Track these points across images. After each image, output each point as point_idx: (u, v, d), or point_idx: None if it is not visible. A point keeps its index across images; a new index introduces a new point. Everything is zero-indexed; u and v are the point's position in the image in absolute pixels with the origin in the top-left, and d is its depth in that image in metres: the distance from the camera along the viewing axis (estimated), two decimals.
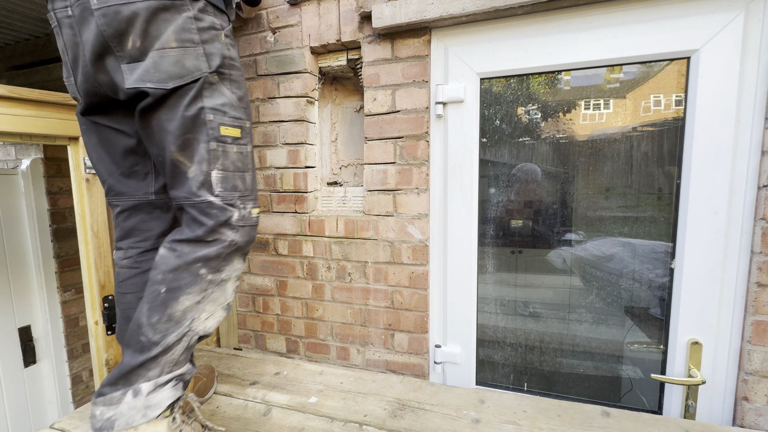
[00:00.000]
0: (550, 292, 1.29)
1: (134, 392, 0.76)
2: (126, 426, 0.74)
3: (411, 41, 1.22)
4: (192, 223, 0.81)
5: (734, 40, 0.96)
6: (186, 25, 0.75)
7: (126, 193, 0.91)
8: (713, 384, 1.06)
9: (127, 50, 0.73)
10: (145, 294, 0.80)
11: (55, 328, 2.05)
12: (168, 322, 0.78)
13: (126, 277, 0.92)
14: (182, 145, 0.78)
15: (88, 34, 0.73)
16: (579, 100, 1.16)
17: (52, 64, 1.90)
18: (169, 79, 0.74)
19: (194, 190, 0.80)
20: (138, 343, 0.78)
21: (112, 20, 0.71)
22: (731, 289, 1.03)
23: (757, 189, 0.98)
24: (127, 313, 0.92)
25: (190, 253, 0.79)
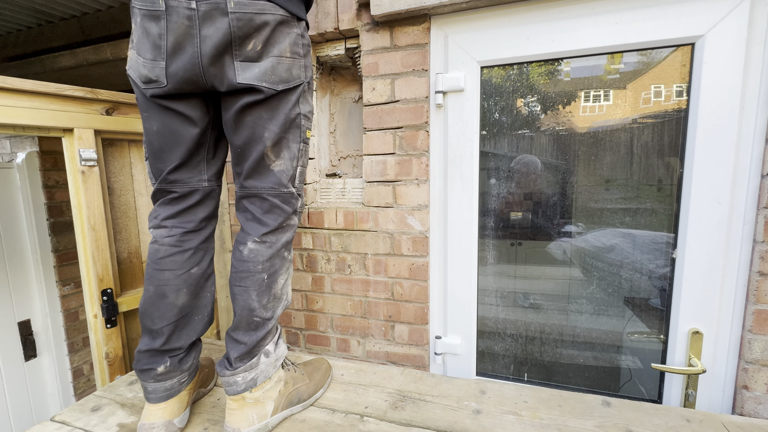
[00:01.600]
0: (550, 283, 1.29)
1: (265, 354, 0.95)
2: (265, 378, 0.94)
3: (410, 29, 1.19)
4: (274, 210, 0.93)
5: (740, 25, 0.94)
6: (296, 41, 0.88)
7: (181, 181, 0.95)
8: (713, 373, 1.06)
9: (245, 51, 0.83)
10: (246, 283, 0.92)
11: (54, 322, 2.05)
12: (274, 300, 0.95)
13: (166, 254, 0.95)
14: (276, 141, 0.90)
15: (213, 31, 0.80)
16: (579, 90, 1.14)
17: (45, 54, 1.87)
18: (280, 83, 0.86)
19: (284, 182, 0.93)
20: (252, 323, 0.93)
21: (245, 25, 0.81)
22: (732, 279, 1.03)
23: (761, 177, 0.97)
24: (163, 290, 0.94)
25: (277, 242, 0.94)
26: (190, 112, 0.89)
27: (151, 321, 0.93)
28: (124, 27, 1.70)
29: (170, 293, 0.94)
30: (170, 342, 0.94)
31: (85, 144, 1.21)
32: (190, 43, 0.81)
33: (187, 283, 0.96)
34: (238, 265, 0.93)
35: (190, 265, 0.96)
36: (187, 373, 0.97)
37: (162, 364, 0.92)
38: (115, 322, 1.30)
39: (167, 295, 0.94)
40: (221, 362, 0.94)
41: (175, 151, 0.92)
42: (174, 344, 0.94)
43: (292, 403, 1.00)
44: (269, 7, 0.82)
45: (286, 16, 0.85)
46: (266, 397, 0.94)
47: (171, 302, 0.94)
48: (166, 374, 0.92)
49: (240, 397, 0.91)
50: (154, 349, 0.92)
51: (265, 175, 0.92)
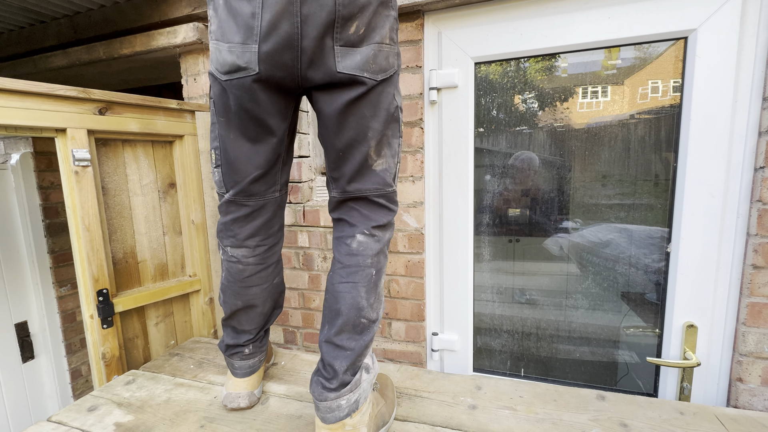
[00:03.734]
0: (547, 279, 1.29)
1: (366, 369, 0.86)
2: (364, 399, 0.83)
3: (404, 25, 1.19)
4: (379, 210, 0.87)
5: (732, 19, 0.94)
6: (393, 25, 0.79)
7: (257, 194, 0.90)
8: (708, 366, 1.07)
9: (347, 34, 0.73)
10: (355, 278, 0.84)
11: (52, 323, 2.05)
12: (378, 299, 0.87)
13: (253, 272, 0.96)
14: (380, 140, 0.81)
15: (316, 8, 0.70)
16: (577, 86, 1.14)
17: (38, 54, 1.85)
18: (380, 72, 0.76)
19: (389, 182, 0.86)
20: (359, 326, 0.83)
21: (351, 2, 0.71)
22: (727, 272, 1.03)
23: (754, 171, 0.98)
24: (253, 302, 0.98)
25: (383, 238, 0.88)
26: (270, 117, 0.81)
27: (238, 323, 1.00)
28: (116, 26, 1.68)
29: (259, 304, 0.99)
30: (255, 336, 1.02)
31: (79, 144, 1.21)
32: (289, 22, 0.71)
33: (271, 293, 1.01)
34: (346, 260, 0.85)
35: (273, 276, 1.00)
36: (264, 352, 1.06)
37: (247, 347, 1.01)
38: (111, 322, 1.30)
39: (257, 305, 0.99)
40: (316, 381, 0.82)
41: (253, 162, 0.84)
42: (257, 336, 1.03)
43: (378, 427, 0.87)
44: None
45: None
46: (362, 422, 0.82)
47: (260, 312, 1.00)
48: (250, 355, 1.01)
49: (340, 425, 0.79)
50: (240, 343, 1.00)
51: (369, 177, 0.83)
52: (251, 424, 0.96)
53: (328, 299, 0.86)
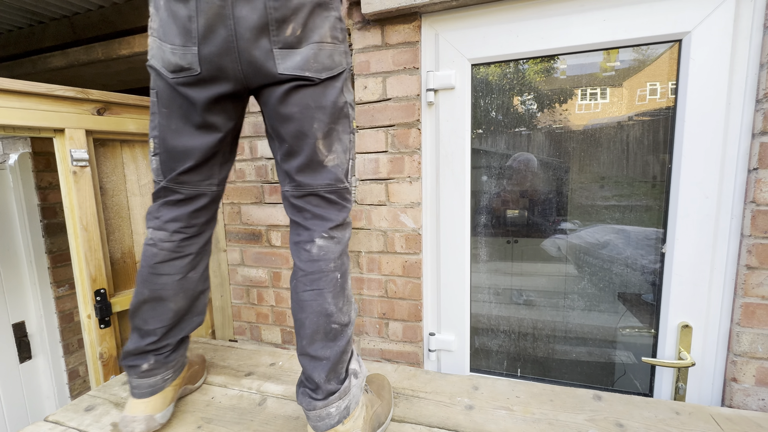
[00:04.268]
0: (545, 279, 1.30)
1: (354, 374, 0.84)
2: (356, 405, 0.82)
3: (401, 27, 1.20)
4: (332, 207, 0.86)
5: (726, 21, 0.95)
6: (336, 25, 0.81)
7: (190, 183, 0.91)
8: (703, 366, 1.08)
9: (284, 36, 0.75)
10: (320, 285, 0.83)
11: (49, 323, 2.04)
12: (347, 303, 0.86)
13: (165, 258, 0.92)
14: (326, 134, 0.82)
15: (246, 11, 0.73)
16: (575, 88, 1.15)
17: (36, 55, 1.86)
18: (323, 70, 0.79)
19: (340, 177, 0.86)
20: (331, 332, 0.82)
21: (282, 6, 0.73)
22: (721, 272, 1.04)
23: (748, 172, 0.98)
24: (160, 294, 0.92)
25: (343, 237, 0.88)
26: (211, 116, 0.83)
27: (143, 322, 0.92)
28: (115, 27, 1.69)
29: (168, 298, 0.92)
30: (161, 341, 0.93)
31: (77, 144, 1.21)
32: (225, 26, 0.74)
33: (183, 288, 0.94)
34: (308, 267, 0.84)
35: (188, 269, 0.94)
36: (171, 370, 0.95)
37: (146, 361, 0.91)
38: (108, 322, 1.30)
39: (165, 299, 0.92)
40: (302, 392, 0.82)
41: (190, 154, 0.87)
42: (163, 343, 0.93)
43: (374, 429, 0.87)
44: None
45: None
46: (355, 427, 0.81)
47: (168, 307, 0.92)
48: (150, 371, 0.91)
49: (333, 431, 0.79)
50: (142, 348, 0.91)
51: (320, 172, 0.84)
52: (248, 425, 0.96)
53: (294, 309, 0.85)
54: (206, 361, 1.21)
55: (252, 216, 1.49)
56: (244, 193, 1.48)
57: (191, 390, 1.10)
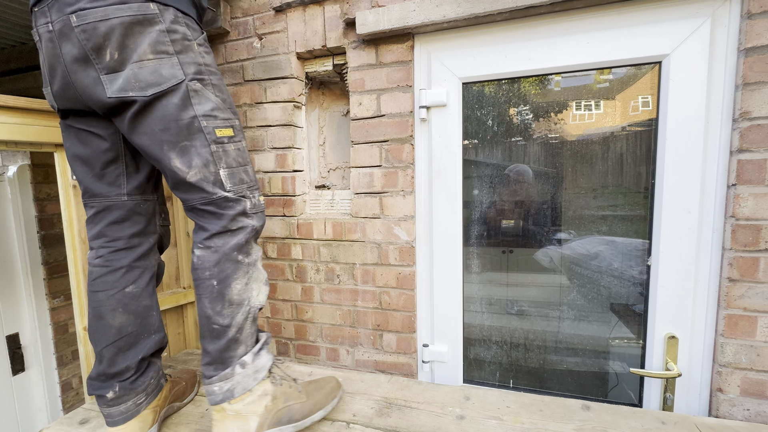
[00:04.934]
0: (538, 290, 1.32)
1: (241, 365, 0.91)
2: (243, 390, 0.90)
3: (395, 47, 1.24)
4: (211, 217, 0.90)
5: (702, 45, 1.00)
6: (160, 38, 0.81)
7: (100, 195, 0.95)
8: (689, 376, 1.10)
9: (105, 62, 0.79)
10: (199, 291, 0.90)
11: (44, 335, 2.04)
12: (231, 306, 0.90)
13: (98, 275, 0.95)
14: (180, 152, 0.84)
15: (68, 48, 0.79)
16: (569, 101, 1.18)
17: (38, 70, 1.89)
18: (148, 87, 0.80)
19: (209, 190, 0.87)
20: (212, 332, 0.90)
21: (91, 35, 0.77)
22: (705, 284, 1.07)
23: (727, 188, 1.02)
24: (100, 311, 0.94)
25: (224, 245, 0.89)
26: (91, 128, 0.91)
27: (94, 343, 0.94)
28: None
29: (106, 314, 0.93)
30: (115, 365, 0.93)
31: None
32: (59, 63, 0.81)
33: (122, 303, 0.94)
34: (192, 273, 0.91)
35: (123, 284, 0.95)
36: (143, 393, 0.95)
37: (111, 389, 0.91)
38: None
39: (103, 316, 0.93)
40: (202, 368, 0.93)
41: (86, 165, 0.93)
42: (118, 366, 0.93)
43: (281, 421, 0.93)
44: (112, 10, 0.76)
45: (141, 14, 0.78)
46: (248, 411, 0.90)
47: (107, 323, 0.93)
48: (117, 399, 0.91)
49: (220, 408, 0.89)
50: (101, 373, 0.92)
51: (188, 188, 0.87)
52: None
53: None
54: (197, 375, 1.22)
55: None
56: None
57: (178, 407, 1.11)
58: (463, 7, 1.10)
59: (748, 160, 0.98)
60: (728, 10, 0.98)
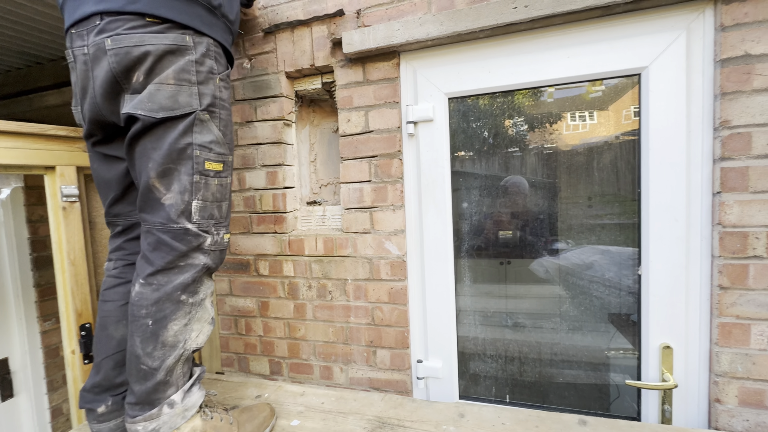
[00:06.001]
0: (532, 302, 1.31)
1: (169, 404, 0.87)
2: (170, 429, 0.86)
3: (381, 64, 1.27)
4: (161, 247, 0.87)
5: (678, 57, 1.02)
6: (186, 67, 0.85)
7: (122, 214, 1.00)
8: (686, 387, 1.08)
9: (131, 84, 0.83)
10: (132, 328, 0.86)
11: (34, 359, 2.00)
12: (163, 348, 0.86)
13: (110, 285, 0.99)
14: (162, 173, 0.85)
15: (99, 71, 0.83)
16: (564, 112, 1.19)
17: (33, 94, 1.92)
18: (160, 110, 0.83)
19: (173, 218, 0.86)
20: (140, 372, 0.86)
21: (123, 59, 0.81)
22: (696, 293, 1.06)
23: (712, 195, 1.03)
24: (104, 322, 0.96)
25: (168, 284, 0.86)
26: (113, 151, 0.94)
27: (96, 353, 0.95)
28: None
29: (110, 325, 0.95)
30: (111, 377, 0.92)
31: (67, 180, 1.24)
32: (89, 85, 0.85)
33: (126, 315, 0.94)
34: (129, 308, 0.88)
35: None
36: None
37: (103, 403, 0.91)
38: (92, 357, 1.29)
39: (107, 326, 0.95)
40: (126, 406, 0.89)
41: (110, 187, 0.97)
42: (115, 380, 0.93)
43: None
44: (149, 38, 0.80)
45: (176, 45, 0.83)
46: None
47: (110, 334, 0.94)
48: (108, 414, 0.91)
49: None
50: (96, 384, 0.92)
51: (156, 209, 0.86)
52: None
53: None
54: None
55: (240, 246, 1.51)
56: (233, 223, 1.51)
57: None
58: (445, 25, 1.13)
59: (730, 167, 0.99)
60: (702, 23, 1.01)
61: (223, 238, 0.95)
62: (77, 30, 0.84)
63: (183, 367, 0.91)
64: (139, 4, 0.80)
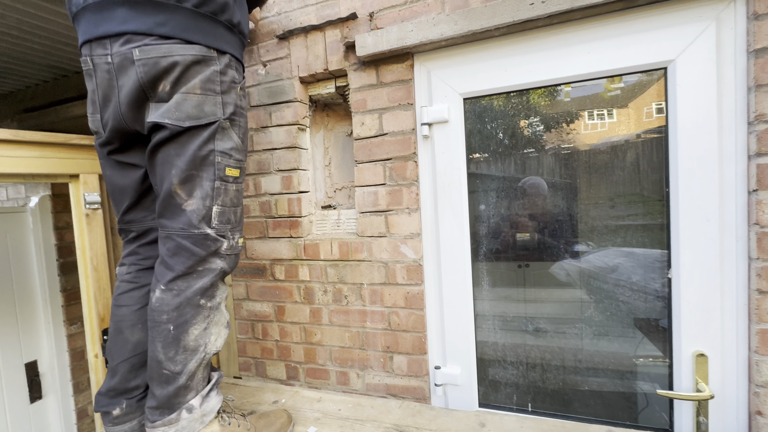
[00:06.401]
0: (553, 306, 1.27)
1: (188, 409, 0.89)
2: None
3: (394, 66, 1.26)
4: (181, 252, 0.88)
5: (708, 48, 0.97)
6: (211, 77, 0.87)
7: (136, 220, 1.01)
8: (723, 398, 1.02)
9: (157, 93, 0.85)
10: (153, 334, 0.88)
11: (61, 361, 2.07)
12: (185, 352, 0.88)
13: (124, 290, 1.00)
14: (185, 179, 0.87)
15: (125, 80, 0.84)
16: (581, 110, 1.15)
17: (59, 105, 2.00)
18: (187, 119, 0.85)
19: (194, 223, 0.88)
20: (162, 376, 0.87)
21: (151, 69, 0.82)
22: (732, 297, 1.00)
23: (748, 194, 0.97)
24: (119, 326, 0.97)
25: (188, 289, 0.88)
26: (130, 158, 0.95)
27: (110, 357, 0.96)
28: None
29: (125, 329, 0.96)
30: (126, 381, 0.94)
31: (90, 188, 1.27)
32: (113, 94, 0.86)
33: (141, 319, 0.97)
34: (149, 314, 0.90)
35: (145, 300, 0.98)
36: None
37: (117, 405, 0.92)
38: None
39: (123, 330, 0.96)
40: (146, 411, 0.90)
41: (125, 194, 0.98)
42: (130, 383, 0.94)
43: None
44: (177, 48, 0.82)
45: (201, 56, 0.85)
46: None
47: (125, 338, 0.96)
48: (123, 416, 0.92)
49: None
50: (111, 388, 0.93)
51: (177, 215, 0.88)
52: None
53: None
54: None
55: (256, 250, 1.52)
56: (248, 228, 1.52)
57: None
58: (460, 24, 1.11)
59: (767, 164, 0.93)
60: (733, 12, 0.96)
61: (238, 242, 0.98)
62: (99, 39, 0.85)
63: (203, 372, 0.93)
64: (167, 27, 0.82)
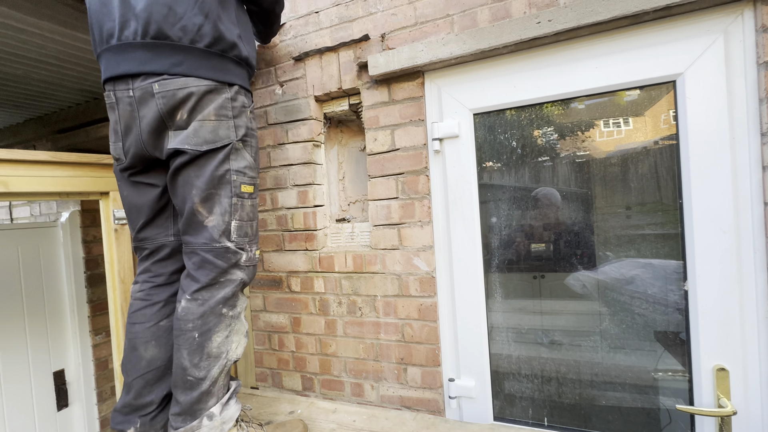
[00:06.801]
0: (570, 318, 1.26)
1: (209, 417, 0.93)
2: None
3: (406, 84, 1.30)
4: (205, 265, 0.95)
5: (717, 61, 0.98)
6: (224, 104, 0.96)
7: (150, 238, 1.06)
8: (747, 415, 0.99)
9: (175, 121, 0.93)
10: (179, 342, 0.94)
11: (86, 371, 2.14)
12: (208, 359, 0.94)
13: (137, 308, 1.05)
14: (205, 198, 0.95)
15: (146, 111, 0.93)
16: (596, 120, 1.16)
17: (90, 126, 2.12)
18: (204, 144, 0.93)
19: (216, 237, 0.96)
20: (186, 383, 0.93)
21: (170, 100, 0.91)
22: (752, 310, 0.98)
23: (764, 205, 0.96)
24: (134, 343, 1.01)
25: (211, 298, 0.95)
26: (149, 180, 1.02)
27: (126, 374, 1.00)
28: None
29: (139, 345, 1.00)
30: (141, 397, 0.98)
31: (119, 205, 1.35)
32: (135, 124, 0.94)
33: (155, 336, 1.01)
34: (174, 323, 0.96)
35: (159, 317, 1.03)
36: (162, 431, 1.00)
37: (132, 425, 0.96)
38: None
39: (137, 347, 1.00)
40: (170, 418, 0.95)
41: (141, 212, 1.04)
42: (144, 399, 0.98)
43: None
44: (192, 81, 0.91)
45: (213, 85, 0.94)
46: None
47: (140, 354, 0.99)
48: None
49: None
50: (126, 404, 0.97)
51: (200, 231, 0.96)
52: None
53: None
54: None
55: (273, 263, 1.56)
56: (265, 241, 1.57)
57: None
58: (468, 44, 1.15)
59: None
60: (741, 25, 0.96)
61: (255, 254, 1.04)
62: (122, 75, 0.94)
63: (224, 379, 0.98)
64: (182, 66, 0.91)
